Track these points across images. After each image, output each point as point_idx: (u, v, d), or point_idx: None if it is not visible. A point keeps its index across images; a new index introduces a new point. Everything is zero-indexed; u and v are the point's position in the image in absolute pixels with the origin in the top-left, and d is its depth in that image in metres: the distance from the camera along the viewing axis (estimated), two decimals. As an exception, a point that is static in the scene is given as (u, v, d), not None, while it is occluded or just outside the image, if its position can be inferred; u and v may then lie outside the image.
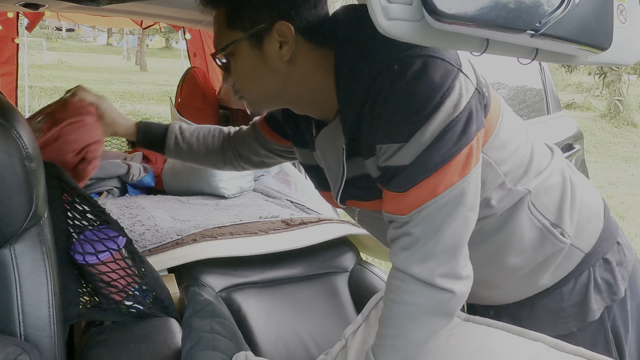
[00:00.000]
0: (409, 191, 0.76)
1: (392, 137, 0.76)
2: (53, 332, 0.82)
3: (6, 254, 0.79)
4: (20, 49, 3.57)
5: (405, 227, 0.77)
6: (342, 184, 0.92)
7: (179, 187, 2.26)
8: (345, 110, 0.83)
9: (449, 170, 0.75)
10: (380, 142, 0.79)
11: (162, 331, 1.04)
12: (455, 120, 0.74)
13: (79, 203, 1.00)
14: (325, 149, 0.92)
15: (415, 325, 0.78)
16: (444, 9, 0.53)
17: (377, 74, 0.76)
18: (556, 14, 0.58)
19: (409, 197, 0.76)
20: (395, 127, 0.76)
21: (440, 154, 0.74)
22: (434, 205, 0.75)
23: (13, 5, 2.31)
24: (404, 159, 0.76)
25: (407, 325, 0.78)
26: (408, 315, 0.78)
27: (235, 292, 1.46)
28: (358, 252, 1.75)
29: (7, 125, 0.74)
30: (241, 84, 0.87)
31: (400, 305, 0.78)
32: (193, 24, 3.12)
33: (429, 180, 0.75)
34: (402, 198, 0.77)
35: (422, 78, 0.73)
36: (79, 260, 1.00)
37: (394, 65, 0.75)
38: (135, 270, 1.07)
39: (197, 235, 1.52)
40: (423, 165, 0.75)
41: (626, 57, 0.73)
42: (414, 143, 0.74)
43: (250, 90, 0.87)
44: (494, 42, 0.63)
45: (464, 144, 0.75)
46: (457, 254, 0.78)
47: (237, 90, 0.89)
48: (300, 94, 0.87)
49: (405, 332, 0.78)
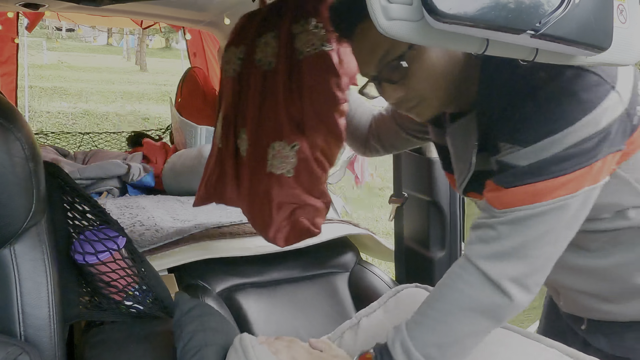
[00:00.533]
0: (512, 189, 0.75)
1: (518, 137, 0.75)
2: (53, 332, 0.82)
3: (6, 254, 0.79)
4: (20, 49, 3.57)
5: (493, 220, 0.76)
6: (467, 177, 0.91)
7: (179, 187, 2.26)
8: (485, 108, 0.83)
9: (559, 182, 0.72)
10: (504, 140, 0.77)
11: (162, 331, 1.04)
12: (588, 139, 0.71)
13: (79, 203, 1.00)
14: (456, 140, 0.92)
15: (462, 317, 0.76)
16: (444, 9, 0.53)
17: (524, 77, 0.76)
18: (556, 14, 0.58)
19: (509, 194, 0.75)
20: (525, 128, 0.74)
21: (558, 167, 0.72)
22: (529, 211, 0.73)
23: (13, 5, 2.30)
24: (522, 160, 0.74)
25: (454, 314, 0.76)
26: (459, 304, 0.76)
27: (235, 292, 1.46)
28: (358, 252, 1.75)
29: (7, 125, 0.74)
30: (428, 81, 0.81)
31: (454, 292, 0.77)
32: (193, 24, 3.12)
33: (535, 185, 0.73)
34: (503, 193, 0.76)
35: (569, 88, 0.72)
36: (79, 260, 1.00)
37: (543, 71, 0.74)
38: (135, 270, 1.07)
39: (197, 235, 1.52)
40: (537, 170, 0.73)
41: (626, 57, 0.73)
42: (536, 149, 0.73)
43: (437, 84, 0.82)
44: (494, 42, 0.63)
45: (586, 163, 0.72)
46: (536, 266, 0.76)
47: (416, 95, 0.83)
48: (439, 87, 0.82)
49: (449, 320, 0.77)
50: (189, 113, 2.98)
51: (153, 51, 22.31)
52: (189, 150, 2.33)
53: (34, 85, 9.66)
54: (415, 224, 1.64)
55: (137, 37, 16.14)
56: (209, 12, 2.72)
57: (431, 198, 1.55)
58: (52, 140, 3.57)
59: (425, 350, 0.77)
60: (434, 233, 1.57)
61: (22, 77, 6.22)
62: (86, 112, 8.55)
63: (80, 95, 9.96)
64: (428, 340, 0.77)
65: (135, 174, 2.27)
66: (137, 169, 2.30)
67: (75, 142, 3.67)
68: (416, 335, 0.78)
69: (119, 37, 24.31)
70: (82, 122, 8.02)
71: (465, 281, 0.77)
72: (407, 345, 0.77)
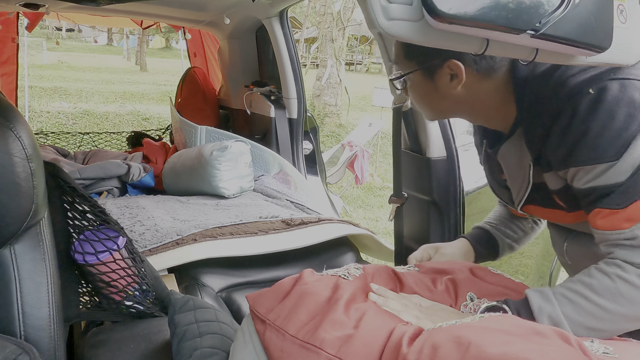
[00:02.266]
0: (629, 207, 0.78)
1: (597, 158, 0.79)
2: (53, 332, 0.82)
3: (6, 254, 0.78)
4: (20, 49, 3.57)
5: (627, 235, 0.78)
6: (525, 194, 0.97)
7: (178, 187, 2.26)
8: (531, 130, 0.88)
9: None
10: (577, 165, 0.81)
11: (162, 331, 1.04)
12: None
13: (79, 203, 1.00)
14: (508, 160, 0.97)
15: (631, 312, 0.76)
16: (444, 9, 0.53)
17: (571, 96, 0.80)
18: (556, 14, 0.58)
19: (628, 211, 0.78)
20: (601, 148, 0.78)
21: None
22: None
23: (13, 5, 2.31)
24: (618, 177, 0.78)
25: (624, 306, 0.76)
26: (633, 299, 0.76)
27: (235, 292, 1.46)
28: (358, 252, 1.75)
29: (8, 125, 0.74)
30: (416, 103, 0.98)
31: (630, 286, 0.76)
32: (193, 24, 3.12)
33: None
34: (621, 213, 0.78)
35: (622, 99, 0.76)
36: (79, 260, 1.00)
37: (589, 88, 0.78)
38: (135, 270, 1.07)
39: (197, 235, 1.52)
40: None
41: (626, 57, 0.73)
42: (626, 160, 0.77)
43: (424, 109, 0.98)
44: (494, 42, 0.63)
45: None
46: None
47: (413, 104, 1.00)
48: (472, 110, 0.94)
49: (617, 310, 0.76)
50: (189, 113, 2.98)
51: (153, 51, 22.31)
52: (189, 150, 2.33)
53: (34, 85, 9.65)
54: (415, 224, 1.64)
55: (137, 37, 16.16)
56: (209, 12, 2.73)
57: (431, 198, 1.55)
58: (52, 140, 3.57)
59: (575, 329, 0.77)
60: (434, 233, 1.57)
61: (22, 77, 6.21)
62: (86, 112, 8.54)
63: (80, 95, 9.96)
64: (583, 321, 0.77)
65: (135, 174, 2.27)
66: (137, 169, 2.30)
67: (75, 142, 3.67)
68: (568, 312, 0.78)
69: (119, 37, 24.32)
70: (82, 122, 8.02)
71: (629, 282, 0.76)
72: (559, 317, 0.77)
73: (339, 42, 8.38)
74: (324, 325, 0.69)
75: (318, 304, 0.73)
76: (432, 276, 0.92)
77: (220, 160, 2.08)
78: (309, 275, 0.80)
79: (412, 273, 0.92)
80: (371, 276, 0.87)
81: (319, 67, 8.73)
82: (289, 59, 2.47)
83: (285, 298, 0.76)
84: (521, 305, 0.80)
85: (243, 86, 2.89)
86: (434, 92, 0.91)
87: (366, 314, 0.72)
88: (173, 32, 11.58)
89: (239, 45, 2.90)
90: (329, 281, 0.78)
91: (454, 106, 0.93)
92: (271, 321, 0.73)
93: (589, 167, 0.80)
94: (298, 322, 0.71)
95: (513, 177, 0.99)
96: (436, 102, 0.93)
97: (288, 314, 0.73)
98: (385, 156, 6.96)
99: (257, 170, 2.39)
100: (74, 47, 21.14)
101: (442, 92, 0.90)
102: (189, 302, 0.98)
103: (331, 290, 0.76)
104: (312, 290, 0.75)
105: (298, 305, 0.73)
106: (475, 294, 0.86)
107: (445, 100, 0.92)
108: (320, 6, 8.62)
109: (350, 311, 0.72)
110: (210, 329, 0.92)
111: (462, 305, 0.85)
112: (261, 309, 0.76)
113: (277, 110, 2.59)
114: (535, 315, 0.78)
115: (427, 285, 0.89)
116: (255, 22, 2.64)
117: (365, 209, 5.00)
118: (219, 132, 2.46)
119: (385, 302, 0.79)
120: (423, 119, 1.53)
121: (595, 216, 0.82)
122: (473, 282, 0.89)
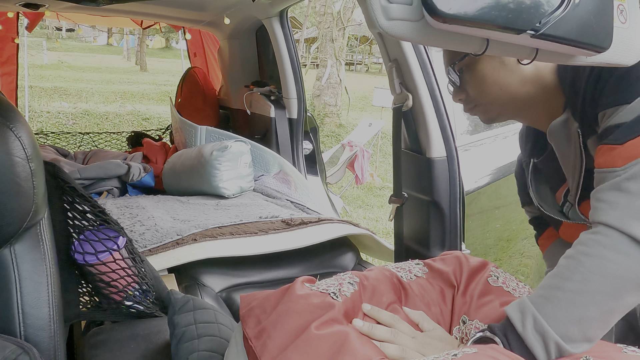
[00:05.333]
0: (627, 143, 0.75)
1: (617, 99, 0.78)
2: (53, 332, 0.82)
3: (6, 254, 0.78)
4: (20, 49, 3.57)
5: (617, 180, 0.74)
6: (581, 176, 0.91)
7: (179, 187, 2.26)
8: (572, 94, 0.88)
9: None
10: (603, 108, 0.81)
11: (162, 331, 1.04)
12: None
13: (79, 203, 1.00)
14: (559, 137, 0.95)
15: (606, 286, 0.69)
16: (444, 9, 0.53)
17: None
18: (556, 14, 0.58)
19: (625, 147, 0.75)
20: (622, 89, 0.78)
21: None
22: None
23: (13, 5, 2.31)
24: (626, 116, 0.77)
25: (596, 281, 0.69)
26: (602, 271, 0.69)
27: (235, 292, 1.46)
28: (358, 252, 1.75)
29: (8, 125, 0.74)
30: (481, 90, 0.92)
31: (595, 259, 0.70)
32: (193, 24, 3.12)
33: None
34: (618, 149, 0.76)
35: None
36: (79, 260, 1.00)
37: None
38: (135, 270, 1.07)
39: (197, 235, 1.52)
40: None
41: (626, 57, 0.73)
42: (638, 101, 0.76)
43: (491, 94, 0.92)
44: (494, 42, 0.63)
45: None
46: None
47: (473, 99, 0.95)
48: (534, 93, 0.92)
49: (592, 289, 0.69)
50: (189, 113, 2.98)
51: (153, 51, 22.31)
52: (189, 150, 2.33)
53: (34, 85, 9.65)
54: (415, 224, 1.64)
55: (137, 37, 16.15)
56: (209, 12, 2.73)
57: (431, 198, 1.55)
58: (52, 140, 3.57)
59: (564, 328, 0.69)
60: (433, 233, 1.57)
61: (22, 77, 6.21)
62: (86, 112, 8.54)
63: (80, 95, 9.96)
64: (566, 316, 0.69)
65: (135, 174, 2.27)
66: (137, 168, 2.30)
67: (75, 142, 3.67)
68: (549, 313, 0.70)
69: (119, 37, 24.32)
70: (82, 122, 8.02)
71: (609, 247, 0.70)
72: (541, 325, 0.69)
73: (339, 42, 8.38)
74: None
75: (297, 328, 0.70)
76: (440, 286, 0.88)
77: (220, 160, 2.08)
78: (300, 288, 0.76)
79: (419, 282, 0.88)
80: (371, 288, 0.82)
81: (319, 67, 8.74)
82: (289, 59, 2.47)
83: (269, 316, 0.73)
84: (506, 327, 0.73)
85: (243, 86, 2.90)
86: (502, 67, 0.89)
87: (344, 345, 0.67)
88: (173, 32, 11.59)
89: (239, 45, 2.90)
90: (316, 300, 0.74)
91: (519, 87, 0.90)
92: (253, 345, 0.72)
93: (610, 110, 0.79)
94: (273, 350, 0.69)
95: (565, 156, 0.95)
96: (507, 80, 0.90)
97: (265, 340, 0.70)
98: (385, 156, 6.96)
99: (257, 170, 2.39)
100: (73, 47, 21.14)
101: (510, 66, 0.88)
102: (188, 303, 0.98)
103: (314, 314, 0.72)
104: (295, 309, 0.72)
105: (276, 328, 0.71)
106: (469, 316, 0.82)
107: (513, 75, 0.89)
108: (320, 6, 8.62)
109: (329, 341, 0.68)
110: (208, 331, 0.92)
111: (455, 330, 0.82)
112: (248, 330, 0.74)
113: (277, 110, 2.59)
114: (521, 335, 0.70)
115: (434, 299, 0.85)
116: (255, 22, 2.65)
117: (365, 209, 5.00)
118: (219, 132, 2.46)
119: (371, 330, 0.75)
120: (423, 119, 1.53)
121: (597, 154, 0.80)
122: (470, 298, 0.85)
